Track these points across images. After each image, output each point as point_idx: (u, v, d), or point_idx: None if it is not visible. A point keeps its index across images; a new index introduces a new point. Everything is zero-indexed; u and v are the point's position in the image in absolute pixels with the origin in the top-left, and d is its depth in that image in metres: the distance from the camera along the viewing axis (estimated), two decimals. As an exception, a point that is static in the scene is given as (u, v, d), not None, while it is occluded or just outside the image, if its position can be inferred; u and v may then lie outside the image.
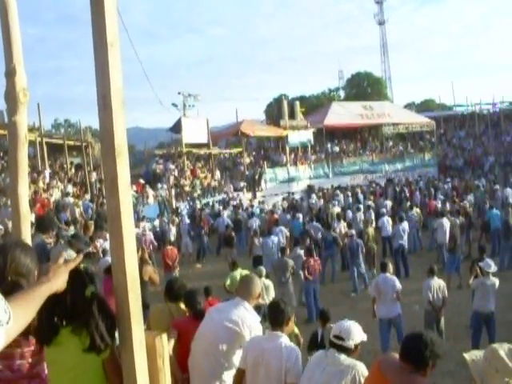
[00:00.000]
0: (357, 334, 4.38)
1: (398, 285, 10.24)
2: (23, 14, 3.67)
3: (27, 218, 3.76)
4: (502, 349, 2.90)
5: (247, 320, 4.44)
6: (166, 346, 2.61)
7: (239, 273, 11.50)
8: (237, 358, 4.40)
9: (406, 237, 17.43)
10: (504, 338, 8.88)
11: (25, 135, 3.68)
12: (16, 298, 1.98)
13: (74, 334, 2.61)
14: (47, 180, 21.65)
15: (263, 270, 11.51)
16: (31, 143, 20.82)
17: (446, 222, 16.99)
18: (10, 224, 8.58)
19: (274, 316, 4.45)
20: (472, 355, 3.07)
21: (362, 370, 4.16)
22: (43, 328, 2.54)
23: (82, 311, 2.60)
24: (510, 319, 11.21)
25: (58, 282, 2.27)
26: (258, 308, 4.80)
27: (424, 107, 64.30)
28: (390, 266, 10.78)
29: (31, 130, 21.31)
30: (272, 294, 11.19)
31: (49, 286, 2.20)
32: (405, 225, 17.68)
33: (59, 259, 2.38)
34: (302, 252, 14.19)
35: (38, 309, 2.07)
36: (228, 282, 11.46)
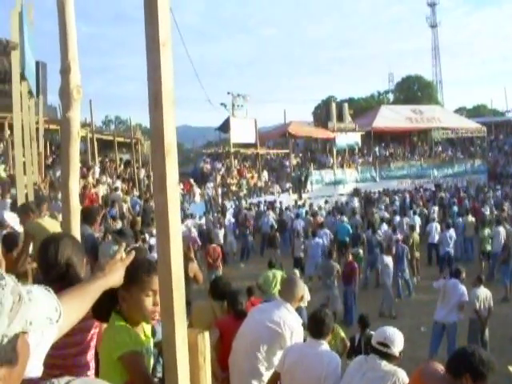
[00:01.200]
0: (401, 341, 4.35)
1: (466, 296, 9.93)
2: (78, 11, 3.75)
3: (77, 212, 3.84)
4: (549, 363, 2.83)
5: (288, 321, 4.43)
6: (207, 343, 2.63)
7: (272, 273, 11.60)
8: (277, 358, 4.39)
9: (452, 244, 17.08)
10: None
11: (77, 131, 3.76)
12: (71, 292, 2.03)
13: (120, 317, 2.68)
14: (97, 175, 22.04)
15: (297, 272, 11.51)
16: (82, 139, 21.22)
17: (502, 231, 16.60)
18: (59, 217, 8.75)
19: (315, 327, 4.40)
20: (517, 368, 3.01)
21: (402, 377, 4.11)
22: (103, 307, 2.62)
23: None
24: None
25: (114, 277, 2.33)
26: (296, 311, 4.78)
27: (475, 112, 63.25)
28: (463, 274, 10.52)
29: (83, 125, 21.67)
30: (307, 298, 11.09)
31: (104, 281, 2.26)
32: (452, 232, 17.30)
33: (116, 255, 2.45)
34: (389, 260, 13.97)
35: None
36: (261, 280, 11.55)
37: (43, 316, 1.49)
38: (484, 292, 10.22)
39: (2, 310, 1.16)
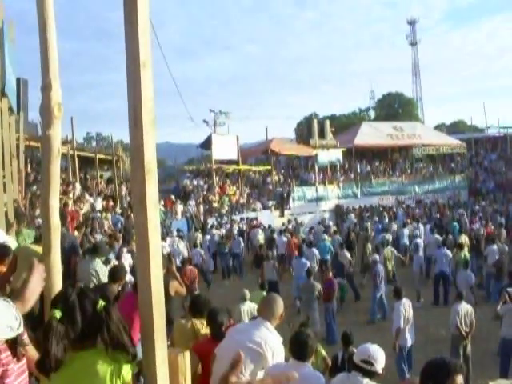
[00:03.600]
0: (383, 357, 4.37)
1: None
2: (60, 28, 3.74)
3: (57, 229, 3.80)
4: (529, 379, 2.85)
5: (269, 341, 4.28)
6: (188, 363, 2.61)
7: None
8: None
9: (448, 263, 16.19)
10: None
11: (58, 149, 3.73)
12: None
13: (94, 353, 2.50)
14: (78, 193, 21.90)
15: (247, 293, 10.72)
16: (63, 156, 21.12)
17: (496, 249, 16.40)
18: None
19: (298, 350, 4.32)
20: (498, 384, 3.01)
21: (384, 394, 4.12)
22: (53, 355, 2.33)
23: (98, 327, 2.48)
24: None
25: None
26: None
27: (455, 128, 63.86)
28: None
29: (64, 142, 21.61)
30: None
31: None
32: (446, 250, 16.54)
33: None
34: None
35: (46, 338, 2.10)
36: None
37: (4, 324, 1.50)
38: (465, 308, 10.27)
39: None
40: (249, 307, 9.88)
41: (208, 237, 22.33)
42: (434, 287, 15.87)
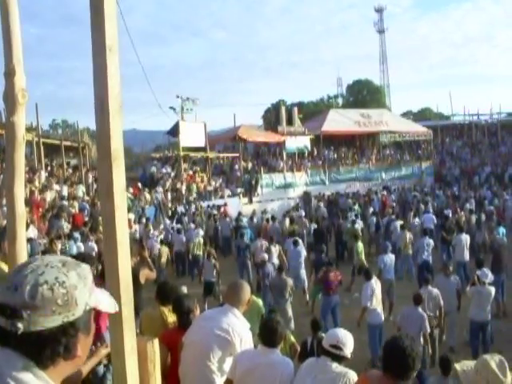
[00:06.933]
0: (351, 342, 4.41)
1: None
2: (25, 13, 3.67)
3: (23, 218, 3.75)
4: (493, 360, 2.90)
5: (237, 328, 4.31)
6: (157, 351, 2.61)
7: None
8: (227, 365, 4.29)
9: (429, 251, 15.87)
10: (497, 347, 8.98)
11: (22, 136, 3.67)
12: None
13: None
14: (43, 180, 21.61)
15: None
16: (28, 143, 20.82)
17: (464, 238, 15.91)
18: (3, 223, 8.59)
19: (267, 336, 4.32)
20: (463, 366, 3.06)
21: (353, 377, 4.17)
22: None
23: None
24: (501, 329, 11.33)
25: None
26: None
27: (421, 116, 64.49)
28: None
29: (28, 129, 21.27)
30: None
31: None
32: (429, 239, 16.17)
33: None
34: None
35: None
36: None
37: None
38: (429, 291, 10.39)
39: (86, 283, 1.38)
40: None
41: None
42: (418, 276, 15.33)
